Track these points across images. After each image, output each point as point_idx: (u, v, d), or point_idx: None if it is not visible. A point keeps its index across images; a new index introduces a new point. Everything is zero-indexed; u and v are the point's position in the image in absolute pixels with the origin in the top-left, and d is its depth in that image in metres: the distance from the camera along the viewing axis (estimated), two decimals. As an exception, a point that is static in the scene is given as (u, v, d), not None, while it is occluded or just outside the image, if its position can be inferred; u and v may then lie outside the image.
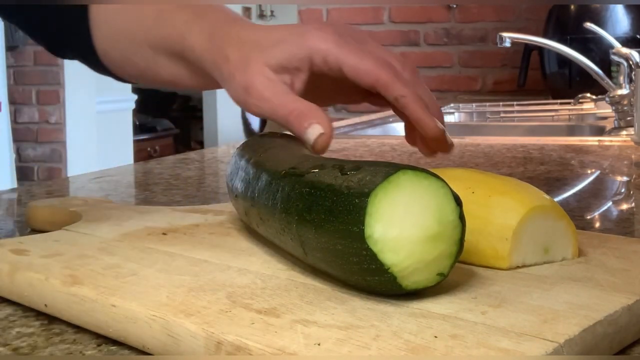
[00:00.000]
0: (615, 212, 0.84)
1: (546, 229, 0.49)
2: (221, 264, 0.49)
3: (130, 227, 0.58)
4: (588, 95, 1.93)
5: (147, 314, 0.41)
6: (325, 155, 0.55)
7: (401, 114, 0.60)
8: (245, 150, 0.59)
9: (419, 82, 0.61)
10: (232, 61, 0.60)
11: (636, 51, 1.63)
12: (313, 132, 0.56)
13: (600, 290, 0.44)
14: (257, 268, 0.48)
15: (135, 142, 4.66)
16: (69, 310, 0.45)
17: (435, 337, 0.37)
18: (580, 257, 0.50)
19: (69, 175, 3.78)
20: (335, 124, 1.89)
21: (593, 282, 0.45)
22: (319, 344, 0.37)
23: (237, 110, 4.97)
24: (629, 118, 1.60)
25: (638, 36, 2.42)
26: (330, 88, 0.65)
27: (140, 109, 5.18)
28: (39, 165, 4.02)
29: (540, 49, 2.49)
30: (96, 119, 4.08)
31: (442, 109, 2.26)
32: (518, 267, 0.48)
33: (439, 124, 0.58)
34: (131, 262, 0.49)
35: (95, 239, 0.55)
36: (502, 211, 0.48)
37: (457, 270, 0.46)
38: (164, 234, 0.56)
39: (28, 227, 0.70)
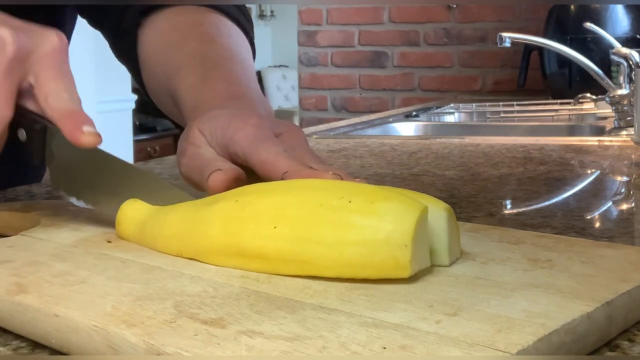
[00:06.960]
0: (615, 212, 0.83)
1: (428, 230, 0.46)
2: (175, 271, 0.47)
3: (89, 232, 0.57)
4: (588, 95, 1.92)
5: (88, 324, 0.39)
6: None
7: None
8: None
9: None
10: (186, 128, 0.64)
11: (636, 51, 1.61)
12: None
13: (561, 297, 0.42)
14: (211, 275, 0.46)
15: (135, 142, 4.65)
16: (12, 320, 0.43)
17: (384, 348, 0.36)
18: (544, 262, 0.48)
19: (68, 176, 3.76)
20: (336, 123, 1.88)
21: (554, 289, 0.43)
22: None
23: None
24: (629, 118, 1.59)
25: (638, 36, 2.40)
26: None
27: (140, 109, 5.17)
28: (39, 166, 4.01)
29: (540, 49, 2.47)
30: (96, 119, 4.03)
31: (442, 108, 2.26)
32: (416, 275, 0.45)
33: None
34: (82, 269, 0.48)
35: (50, 244, 0.54)
36: (394, 217, 0.44)
37: (413, 276, 0.45)
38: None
39: None
